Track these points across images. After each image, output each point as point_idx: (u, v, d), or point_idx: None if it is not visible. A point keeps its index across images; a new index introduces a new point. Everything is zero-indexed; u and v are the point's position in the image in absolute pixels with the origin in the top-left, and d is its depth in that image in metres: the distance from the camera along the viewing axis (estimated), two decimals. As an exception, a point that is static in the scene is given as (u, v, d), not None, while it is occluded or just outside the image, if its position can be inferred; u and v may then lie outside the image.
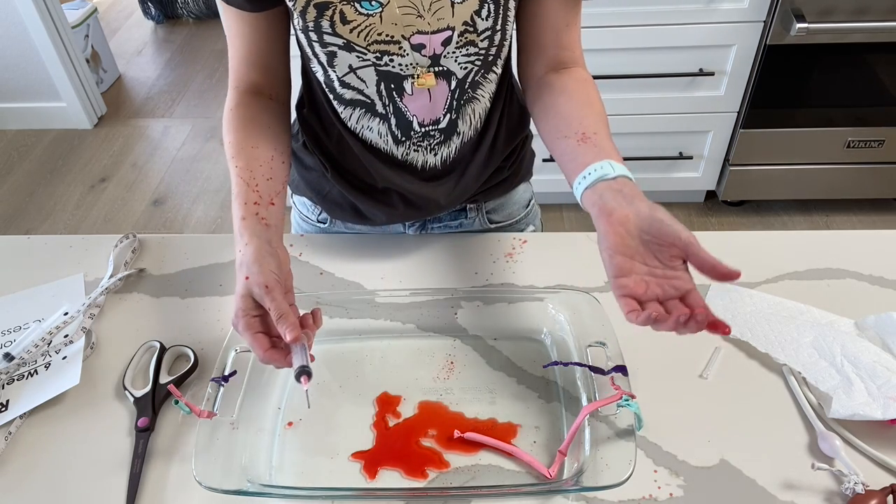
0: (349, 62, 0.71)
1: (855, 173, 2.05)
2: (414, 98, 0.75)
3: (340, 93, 0.76)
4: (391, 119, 0.77)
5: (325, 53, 0.71)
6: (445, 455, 0.67)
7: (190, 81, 3.08)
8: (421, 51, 0.70)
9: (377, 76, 0.73)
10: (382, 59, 0.71)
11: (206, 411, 0.66)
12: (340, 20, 0.68)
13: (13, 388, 0.74)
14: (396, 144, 0.80)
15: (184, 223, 2.34)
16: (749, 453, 0.66)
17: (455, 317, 0.79)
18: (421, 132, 0.79)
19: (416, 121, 0.77)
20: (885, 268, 0.84)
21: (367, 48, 0.70)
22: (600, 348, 0.72)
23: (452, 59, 0.72)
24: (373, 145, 0.81)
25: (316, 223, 0.96)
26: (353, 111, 0.78)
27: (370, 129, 0.79)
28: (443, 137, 0.80)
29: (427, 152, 0.82)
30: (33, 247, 0.93)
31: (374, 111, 0.77)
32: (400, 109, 0.76)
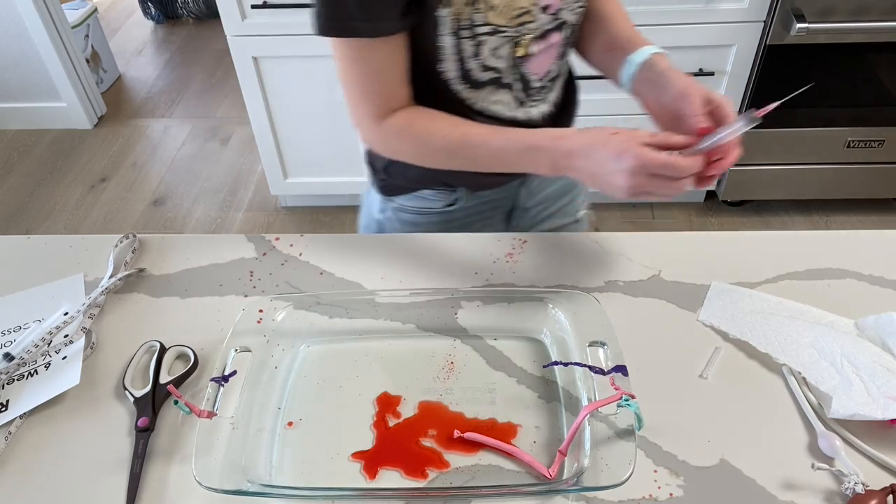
0: (493, 45, 0.77)
1: (855, 173, 2.05)
2: (534, 58, 0.82)
3: (477, 78, 0.81)
4: (515, 85, 0.84)
5: (472, 46, 0.77)
6: (445, 455, 0.67)
7: (190, 81, 3.08)
8: (547, 10, 0.78)
9: (510, 49, 0.79)
10: (520, 29, 0.77)
11: (206, 411, 0.66)
12: (488, 8, 0.74)
13: (13, 388, 0.74)
14: (519, 106, 0.86)
15: (184, 223, 2.34)
16: (749, 453, 0.66)
17: (455, 317, 0.79)
18: (538, 87, 0.86)
19: (536, 78, 0.84)
20: (885, 268, 0.84)
21: (508, 25, 0.76)
22: (600, 348, 0.72)
23: (569, 10, 0.80)
24: (496, 116, 0.86)
25: (443, 210, 0.96)
26: (482, 91, 0.83)
27: (496, 102, 0.85)
28: (552, 84, 0.88)
29: (542, 103, 0.89)
30: (33, 247, 0.93)
31: (502, 83, 0.83)
32: (523, 74, 0.83)
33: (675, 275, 0.85)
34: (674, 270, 0.85)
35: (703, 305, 0.80)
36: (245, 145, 2.67)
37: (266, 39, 1.85)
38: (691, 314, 0.80)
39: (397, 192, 0.97)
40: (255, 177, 2.51)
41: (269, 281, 0.86)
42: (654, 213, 2.24)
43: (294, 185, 2.20)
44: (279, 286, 0.85)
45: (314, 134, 2.07)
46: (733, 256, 0.87)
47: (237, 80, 1.95)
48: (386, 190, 0.98)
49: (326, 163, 2.14)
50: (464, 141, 0.77)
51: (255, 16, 1.81)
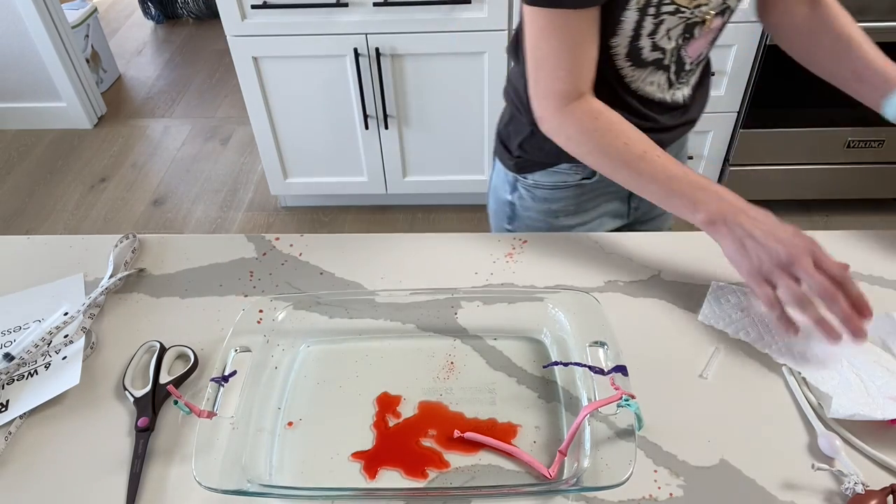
0: (670, 25, 0.79)
1: (855, 173, 2.05)
2: (696, 41, 0.83)
3: (645, 57, 0.82)
4: (672, 67, 0.85)
5: (653, 23, 0.78)
6: (445, 455, 0.67)
7: (190, 81, 3.08)
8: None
9: (682, 30, 0.80)
10: (695, 12, 0.78)
11: (206, 411, 0.66)
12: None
13: (13, 388, 0.74)
14: (669, 88, 0.88)
15: (184, 223, 2.34)
16: (749, 453, 0.66)
17: (455, 317, 0.79)
18: (688, 70, 0.88)
19: (689, 62, 0.86)
20: (885, 268, 0.84)
21: (688, 6, 0.77)
22: (600, 348, 0.72)
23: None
24: (648, 97, 0.88)
25: (579, 183, 0.97)
26: (643, 71, 0.84)
27: (651, 83, 0.86)
28: (697, 67, 0.90)
29: (685, 86, 0.91)
30: (33, 247, 0.93)
31: (662, 65, 0.84)
32: (681, 56, 0.85)
33: (675, 275, 0.85)
34: (674, 270, 0.85)
35: (702, 306, 0.80)
36: (245, 145, 2.67)
37: (266, 39, 1.85)
38: (691, 314, 0.80)
39: (533, 169, 0.98)
40: (255, 177, 2.51)
41: (269, 281, 0.86)
42: (654, 213, 2.24)
43: (294, 185, 2.20)
44: (279, 286, 0.85)
45: (314, 134, 2.07)
46: (733, 256, 0.86)
47: (237, 80, 1.95)
48: (521, 167, 0.98)
49: (326, 163, 2.14)
50: (644, 156, 0.77)
51: (255, 16, 1.81)
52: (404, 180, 2.17)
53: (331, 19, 1.81)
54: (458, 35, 1.82)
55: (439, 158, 2.11)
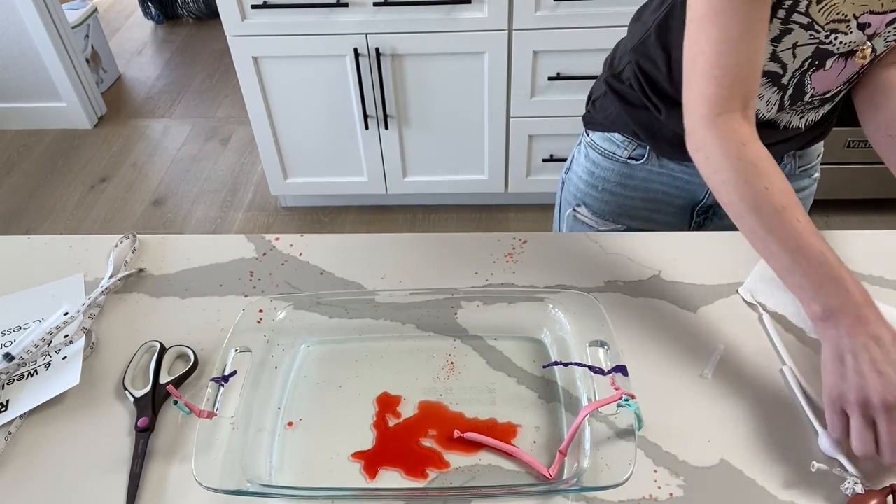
0: (797, 40, 0.74)
1: (855, 173, 2.05)
2: (825, 73, 0.78)
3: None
4: (789, 90, 0.81)
5: (779, 30, 0.73)
6: (445, 455, 0.67)
7: (190, 81, 3.08)
8: (864, 29, 0.73)
9: (811, 54, 0.76)
10: (829, 37, 0.73)
11: (206, 411, 0.66)
12: (816, 1, 0.71)
13: (13, 388, 0.74)
14: (778, 111, 0.84)
15: (184, 223, 2.34)
16: (749, 453, 0.66)
17: (455, 317, 0.79)
18: (807, 101, 0.82)
19: (812, 93, 0.81)
20: (885, 268, 0.84)
21: (823, 27, 0.72)
22: (600, 348, 0.72)
23: (883, 39, 0.75)
24: None
25: (625, 160, 0.96)
26: None
27: (760, 98, 0.81)
28: (820, 104, 0.85)
29: (798, 116, 0.86)
30: (33, 247, 0.93)
31: (778, 82, 0.79)
32: (803, 82, 0.79)
33: (675, 275, 0.85)
34: (674, 270, 0.85)
35: (748, 278, 0.82)
36: (245, 145, 2.67)
37: (266, 39, 1.85)
38: (691, 314, 0.80)
39: (594, 127, 0.99)
40: (255, 177, 2.51)
41: (269, 281, 0.86)
42: (654, 213, 2.24)
43: (294, 185, 2.20)
44: (279, 286, 0.85)
45: (314, 134, 2.07)
46: (733, 256, 0.87)
47: (237, 80, 1.95)
48: (586, 122, 1.00)
49: (326, 163, 2.14)
50: (781, 212, 0.65)
51: (255, 16, 1.81)
52: (404, 180, 2.17)
53: (331, 19, 1.81)
54: (458, 35, 1.82)
55: (439, 158, 2.11)
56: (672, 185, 0.98)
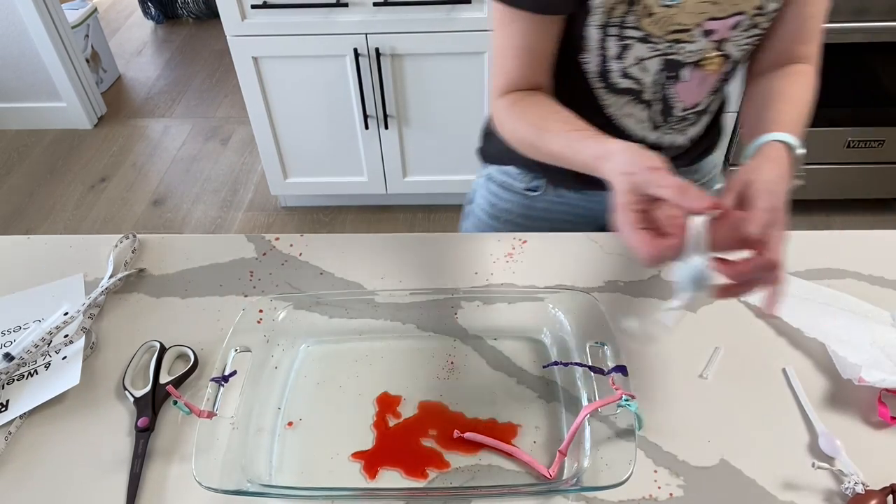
0: (639, 54, 0.74)
1: (855, 173, 2.05)
2: (686, 84, 0.78)
3: (615, 82, 0.78)
4: (655, 105, 0.81)
5: (618, 46, 0.74)
6: (445, 455, 0.67)
7: (190, 81, 3.08)
8: (709, 36, 0.73)
9: (661, 65, 0.76)
10: (673, 47, 0.74)
11: (206, 411, 0.66)
12: (646, 14, 0.71)
13: (13, 388, 0.74)
14: (653, 130, 0.83)
15: (184, 223, 2.34)
16: (749, 453, 0.66)
17: (455, 317, 0.79)
18: (679, 116, 0.82)
19: (681, 106, 0.81)
20: (885, 268, 0.84)
21: (662, 38, 0.72)
22: (600, 348, 0.72)
23: (734, 43, 0.75)
24: (626, 130, 0.83)
25: (523, 192, 0.97)
26: (620, 98, 0.80)
27: (630, 116, 0.82)
28: (696, 118, 0.84)
29: (678, 133, 0.86)
30: (33, 247, 0.93)
31: (642, 98, 0.80)
32: (668, 96, 0.79)
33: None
34: (674, 270, 0.85)
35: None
36: (245, 145, 2.67)
37: (266, 39, 1.85)
38: (691, 314, 0.80)
39: (490, 160, 0.99)
40: (255, 177, 2.51)
41: (269, 281, 0.86)
42: (654, 213, 2.24)
43: (294, 185, 2.20)
44: (279, 286, 0.85)
45: (314, 134, 2.07)
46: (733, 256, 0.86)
47: (237, 80, 1.95)
48: (482, 155, 1.00)
49: (326, 163, 2.14)
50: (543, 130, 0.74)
51: (255, 16, 1.81)
52: (404, 180, 2.17)
53: (331, 19, 1.81)
54: (458, 35, 1.82)
55: (439, 158, 2.11)
56: (573, 214, 0.97)
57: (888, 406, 0.69)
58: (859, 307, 0.78)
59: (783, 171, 0.66)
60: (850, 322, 0.75)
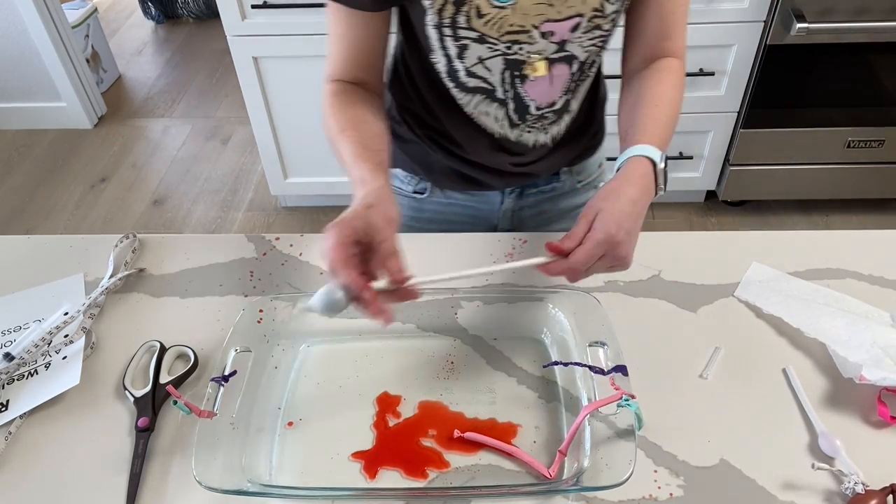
0: (479, 54, 0.74)
1: (855, 173, 2.05)
2: (535, 83, 0.78)
3: (464, 81, 0.78)
4: (510, 104, 0.80)
5: (456, 47, 0.74)
6: (445, 455, 0.67)
7: (190, 81, 3.08)
8: (549, 37, 0.73)
9: (503, 65, 0.75)
10: (512, 48, 0.73)
11: (206, 411, 0.66)
12: (476, 14, 0.70)
13: (13, 388, 0.74)
14: (511, 128, 0.83)
15: (184, 223, 2.34)
16: (749, 453, 0.66)
17: (455, 317, 0.79)
18: (537, 115, 0.82)
19: (535, 105, 0.80)
20: (885, 268, 0.84)
21: (498, 39, 0.72)
22: (600, 348, 0.72)
23: (578, 44, 0.75)
24: (486, 128, 0.84)
25: (412, 195, 0.97)
26: (473, 97, 0.80)
27: (487, 115, 0.82)
28: (556, 117, 0.83)
29: (539, 132, 0.85)
30: (33, 247, 0.93)
31: (494, 97, 0.80)
32: (520, 95, 0.79)
33: (675, 275, 0.85)
34: (674, 270, 0.85)
35: (740, 284, 0.82)
36: (245, 145, 2.67)
37: (266, 39, 1.85)
38: (691, 314, 0.80)
39: None
40: (255, 177, 2.51)
41: (269, 281, 0.86)
42: (653, 213, 2.24)
43: (294, 185, 2.20)
44: (279, 286, 0.85)
45: (314, 134, 2.07)
46: (733, 256, 0.87)
47: (237, 80, 1.95)
48: None
49: (326, 163, 2.14)
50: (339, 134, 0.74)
51: (255, 16, 1.81)
52: (404, 180, 2.17)
53: (331, 19, 1.81)
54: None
55: (439, 158, 2.11)
56: (464, 215, 0.97)
57: (888, 405, 0.69)
58: (859, 307, 0.78)
59: (642, 190, 0.69)
60: (850, 322, 0.75)
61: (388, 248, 0.62)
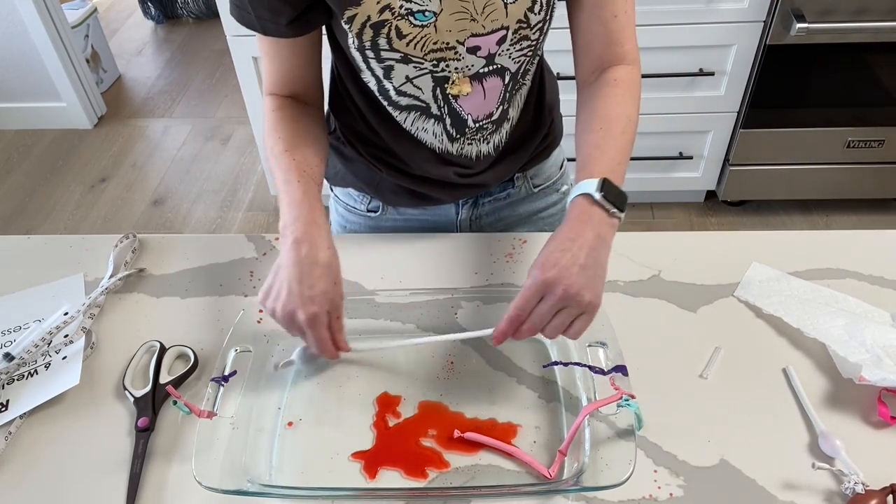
0: (406, 73, 0.73)
1: (855, 173, 2.05)
2: (468, 98, 0.76)
3: (396, 100, 0.77)
4: (446, 119, 0.79)
5: (381, 68, 0.73)
6: (445, 455, 0.67)
7: (190, 81, 3.08)
8: (476, 52, 0.71)
9: (433, 82, 0.74)
10: (439, 65, 0.72)
11: (206, 411, 0.66)
12: (397, 36, 0.69)
13: (13, 388, 0.74)
14: (451, 142, 0.82)
15: (184, 223, 2.34)
16: (749, 453, 0.66)
17: (455, 317, 0.79)
18: (475, 127, 0.81)
19: (471, 118, 0.79)
20: (885, 268, 0.84)
21: (423, 58, 0.71)
22: (600, 348, 0.72)
23: (507, 56, 0.73)
24: (426, 144, 0.83)
25: (365, 213, 0.96)
26: (409, 115, 0.79)
27: (425, 131, 0.81)
28: (495, 127, 0.82)
29: (480, 143, 0.84)
30: (33, 247, 0.93)
31: (430, 113, 0.78)
32: (455, 110, 0.78)
33: (675, 275, 0.85)
34: (674, 270, 0.85)
35: (740, 284, 0.82)
36: (245, 145, 2.67)
37: (266, 39, 1.85)
38: (691, 314, 0.80)
39: (332, 182, 0.97)
40: (255, 177, 2.51)
41: (269, 281, 0.86)
42: (654, 213, 2.24)
43: (294, 185, 2.20)
44: (279, 286, 0.85)
45: (314, 134, 2.07)
46: (733, 256, 0.87)
47: (237, 80, 1.95)
48: (329, 179, 0.97)
49: (326, 163, 2.14)
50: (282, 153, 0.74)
51: (255, 16, 1.81)
52: (404, 180, 2.17)
53: (331, 19, 1.81)
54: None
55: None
56: (422, 229, 0.96)
57: (888, 406, 0.69)
58: (859, 307, 0.78)
59: (580, 227, 0.64)
60: (850, 322, 0.75)
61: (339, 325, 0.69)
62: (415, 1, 0.66)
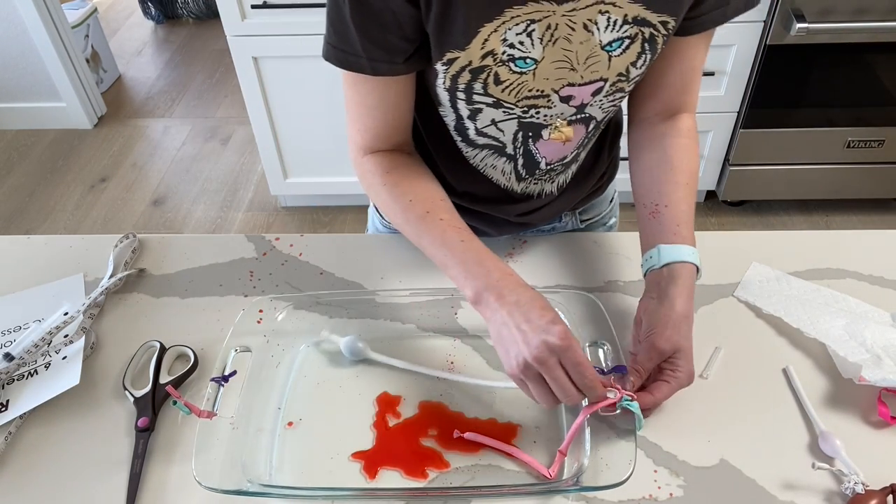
0: (493, 117, 0.72)
1: (855, 173, 2.05)
2: (548, 143, 0.76)
3: (473, 139, 0.77)
4: (518, 160, 0.79)
5: (469, 109, 0.72)
6: (445, 455, 0.67)
7: (190, 81, 3.08)
8: (569, 101, 0.70)
9: (518, 126, 0.73)
10: (529, 112, 0.71)
11: (206, 411, 0.66)
12: (494, 81, 0.67)
13: (13, 388, 0.74)
14: (518, 181, 0.82)
15: (184, 223, 2.34)
16: (749, 453, 0.66)
17: (455, 317, 0.79)
18: (545, 169, 0.81)
19: (545, 161, 0.79)
20: (885, 268, 0.84)
21: (515, 104, 0.70)
22: (600, 348, 0.72)
23: (597, 106, 0.73)
24: (491, 179, 0.82)
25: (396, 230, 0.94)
26: (481, 152, 0.79)
27: (494, 168, 0.81)
28: (563, 168, 0.82)
29: (546, 182, 0.84)
30: (33, 247, 0.93)
31: (503, 153, 0.78)
32: (531, 152, 0.77)
33: (675, 275, 0.84)
34: (674, 270, 0.85)
35: (740, 284, 0.82)
36: (245, 145, 2.67)
37: (266, 39, 1.85)
38: (691, 314, 0.80)
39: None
40: (255, 177, 2.51)
41: (269, 281, 0.86)
42: (654, 213, 2.24)
43: (294, 185, 2.20)
44: (279, 286, 0.85)
45: (314, 134, 2.07)
46: (733, 256, 0.87)
47: (237, 80, 1.95)
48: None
49: (326, 163, 2.14)
50: (424, 217, 0.71)
51: (255, 16, 1.81)
52: (404, 180, 2.17)
53: (331, 19, 1.81)
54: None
55: (439, 158, 2.11)
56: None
57: (888, 406, 0.69)
58: (859, 307, 0.78)
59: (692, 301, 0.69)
60: (850, 322, 0.75)
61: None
62: (517, 47, 0.64)
